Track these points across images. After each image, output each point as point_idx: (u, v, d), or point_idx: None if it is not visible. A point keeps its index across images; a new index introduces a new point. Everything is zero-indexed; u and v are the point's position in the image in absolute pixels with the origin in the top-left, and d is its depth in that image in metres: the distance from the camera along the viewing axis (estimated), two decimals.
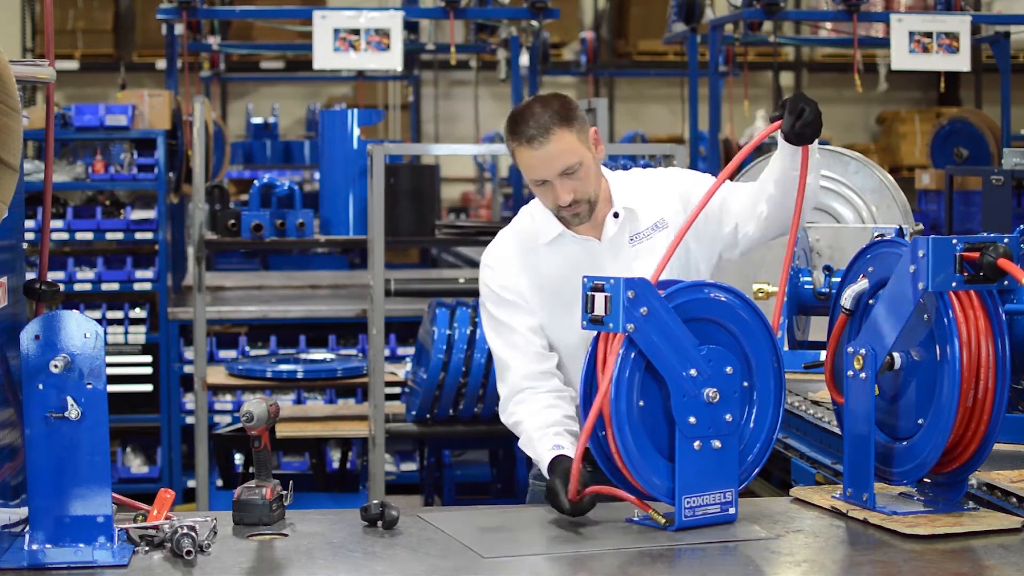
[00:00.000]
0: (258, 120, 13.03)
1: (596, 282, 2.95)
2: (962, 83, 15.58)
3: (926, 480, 3.09)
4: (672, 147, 6.27)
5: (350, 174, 6.92)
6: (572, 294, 3.17)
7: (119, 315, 8.13)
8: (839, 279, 3.27)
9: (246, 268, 11.93)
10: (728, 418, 3.00)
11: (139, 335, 8.15)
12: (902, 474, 3.07)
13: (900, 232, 4.22)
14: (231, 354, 8.09)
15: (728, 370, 3.01)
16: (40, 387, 2.75)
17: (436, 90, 16.04)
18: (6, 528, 2.80)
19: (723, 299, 3.06)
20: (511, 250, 3.49)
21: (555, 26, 13.38)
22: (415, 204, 6.80)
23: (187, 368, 7.96)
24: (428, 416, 6.18)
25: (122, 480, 7.99)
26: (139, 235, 8.13)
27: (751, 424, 3.10)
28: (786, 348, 4.42)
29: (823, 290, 4.31)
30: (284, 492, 3.08)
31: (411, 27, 11.10)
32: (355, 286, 9.25)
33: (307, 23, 8.11)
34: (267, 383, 6.99)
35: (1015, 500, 3.15)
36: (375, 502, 3.04)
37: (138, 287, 8.15)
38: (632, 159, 5.81)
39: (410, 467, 7.95)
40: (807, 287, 4.35)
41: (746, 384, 3.07)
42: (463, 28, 12.47)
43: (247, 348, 8.22)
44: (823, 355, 3.32)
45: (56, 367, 2.72)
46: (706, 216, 3.34)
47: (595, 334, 3.02)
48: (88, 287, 8.11)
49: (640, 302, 2.91)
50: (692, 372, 2.96)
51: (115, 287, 8.15)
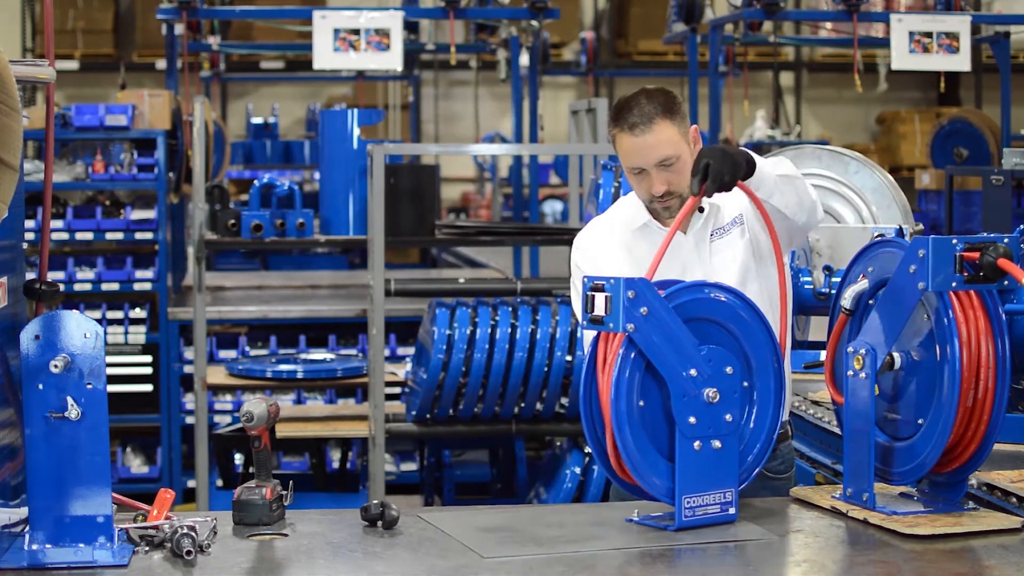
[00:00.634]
0: (258, 120, 13.03)
1: (596, 282, 2.95)
2: (962, 83, 15.59)
3: (926, 480, 3.09)
4: None
5: (350, 174, 6.92)
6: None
7: (119, 315, 8.13)
8: (839, 279, 3.27)
9: (246, 268, 11.93)
10: (728, 418, 3.00)
11: (139, 335, 8.15)
12: (902, 474, 3.07)
13: (900, 232, 4.21)
14: (231, 354, 8.10)
15: (728, 370, 3.01)
16: (40, 387, 2.75)
17: (436, 90, 16.05)
18: (6, 528, 2.80)
19: (723, 299, 3.06)
20: (601, 234, 3.58)
21: (555, 26, 13.39)
22: (415, 204, 6.80)
23: (187, 368, 7.96)
24: (428, 416, 6.18)
25: (122, 480, 7.99)
26: (139, 235, 8.13)
27: (751, 424, 3.10)
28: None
29: (823, 290, 4.30)
30: (284, 492, 3.08)
31: (411, 27, 11.10)
32: (355, 286, 9.25)
33: (307, 23, 8.11)
34: (267, 383, 6.99)
35: (1015, 500, 3.15)
36: (375, 502, 3.04)
37: (138, 287, 8.15)
38: None
39: (410, 467, 7.95)
40: (807, 287, 4.34)
41: (746, 384, 3.07)
42: (463, 28, 12.47)
43: (247, 348, 8.22)
44: (823, 355, 3.32)
45: (56, 367, 2.72)
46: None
47: (595, 334, 3.02)
48: (88, 287, 8.11)
49: (640, 302, 2.91)
50: (692, 372, 2.96)
51: (115, 287, 8.15)
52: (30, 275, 2.99)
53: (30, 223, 7.24)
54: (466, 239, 7.71)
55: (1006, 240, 2.95)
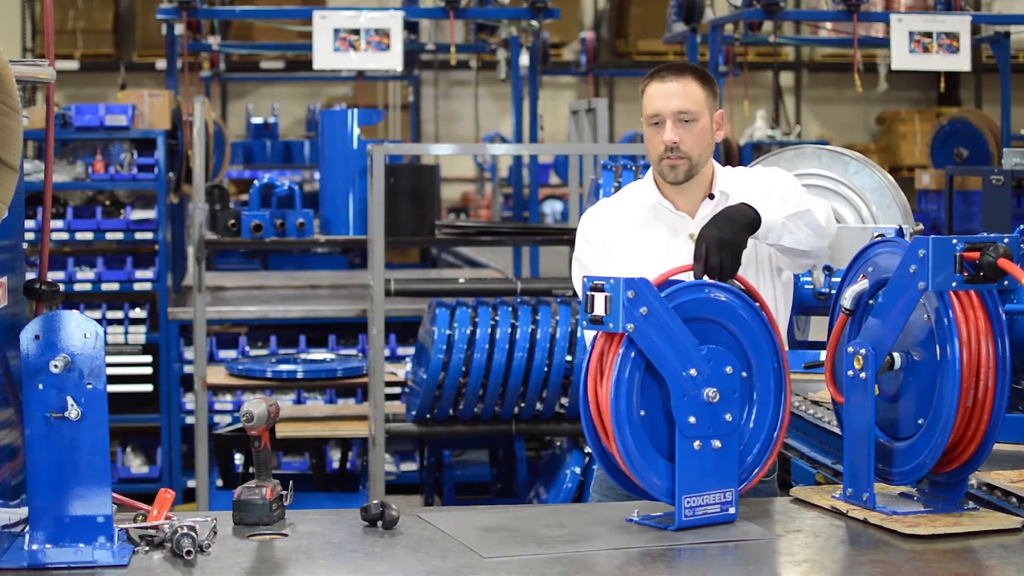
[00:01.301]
0: (258, 120, 13.03)
1: (596, 282, 2.95)
2: (962, 83, 15.60)
3: (926, 480, 3.09)
4: None
5: (350, 174, 6.92)
6: (656, 260, 3.32)
7: (119, 315, 8.13)
8: (839, 279, 3.27)
9: (246, 268, 11.94)
10: (728, 418, 3.00)
11: (139, 335, 8.15)
12: (902, 474, 3.07)
13: (900, 232, 4.21)
14: (231, 354, 8.10)
15: (728, 370, 3.01)
16: (40, 387, 2.75)
17: (436, 90, 16.05)
18: (6, 528, 2.80)
19: (723, 299, 3.06)
20: (609, 210, 3.64)
21: (555, 26, 13.39)
22: (415, 204, 6.80)
23: (187, 368, 7.96)
24: (428, 416, 6.18)
25: (122, 480, 7.99)
26: (139, 235, 8.13)
27: (751, 424, 3.10)
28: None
29: (823, 290, 4.30)
30: (284, 492, 3.08)
31: (411, 27, 11.10)
32: (355, 286, 9.25)
33: (307, 23, 8.11)
34: (267, 383, 6.99)
35: (1015, 500, 3.15)
36: (375, 502, 3.03)
37: (138, 287, 8.15)
38: (632, 159, 5.80)
39: (410, 467, 7.95)
40: (807, 287, 4.34)
41: (746, 384, 3.07)
42: (463, 28, 12.47)
43: (247, 348, 8.23)
44: (823, 355, 3.32)
45: (56, 367, 2.72)
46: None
47: (595, 334, 3.02)
48: (88, 287, 8.11)
49: (640, 302, 2.91)
50: (692, 372, 2.96)
51: (115, 287, 8.15)
52: (30, 275, 2.99)
53: (30, 223, 7.24)
54: (466, 239, 7.71)
55: (1006, 240, 2.95)
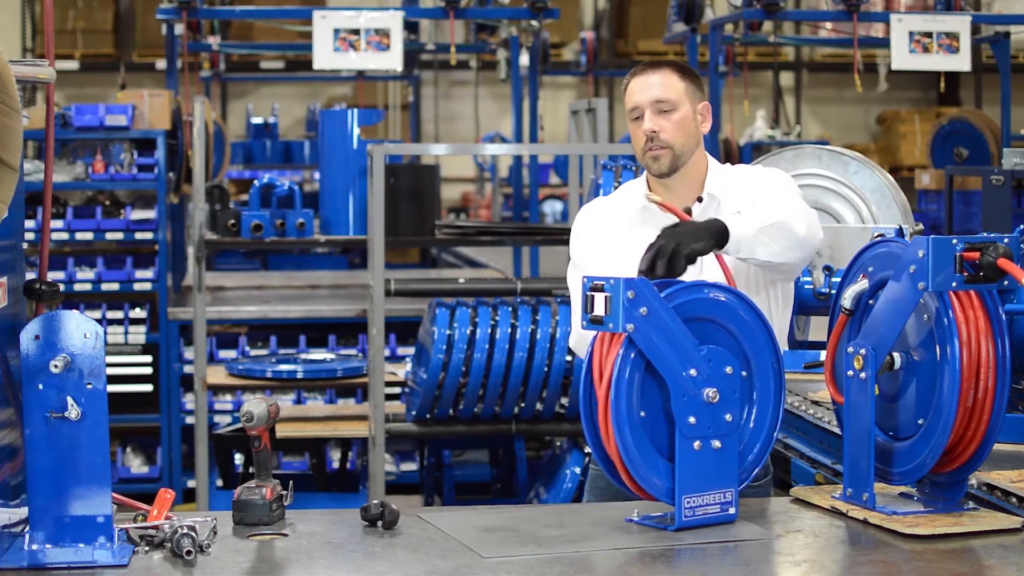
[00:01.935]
0: (258, 120, 13.04)
1: (596, 282, 2.95)
2: (962, 83, 15.60)
3: (926, 480, 3.09)
4: None
5: (350, 174, 6.92)
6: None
7: (119, 315, 8.13)
8: (839, 279, 3.27)
9: (246, 268, 11.94)
10: (728, 418, 3.00)
11: (139, 335, 8.15)
12: (902, 474, 3.07)
13: (900, 232, 4.21)
14: (231, 354, 8.10)
15: (728, 370, 3.00)
16: (40, 387, 2.75)
17: (436, 90, 16.05)
18: (6, 528, 2.80)
19: (723, 299, 3.05)
20: (603, 209, 3.65)
21: (555, 26, 13.40)
22: (415, 204, 6.80)
23: (187, 368, 7.96)
24: (428, 416, 6.18)
25: (122, 480, 8.00)
26: (139, 235, 8.13)
27: (751, 424, 3.10)
28: (786, 348, 4.41)
29: (823, 290, 4.30)
30: (284, 492, 3.08)
31: (411, 27, 11.10)
32: (355, 286, 9.25)
33: (307, 23, 8.11)
34: (267, 383, 6.99)
35: (1015, 500, 3.15)
36: (375, 502, 3.03)
37: (138, 287, 8.15)
38: (632, 159, 5.80)
39: (410, 467, 7.95)
40: (807, 287, 4.34)
41: (746, 384, 3.07)
42: (463, 28, 12.48)
43: (247, 348, 8.23)
44: (823, 355, 3.32)
45: (56, 367, 2.72)
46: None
47: (594, 334, 3.02)
48: (88, 287, 8.11)
49: (640, 302, 2.91)
50: (692, 372, 2.96)
51: (115, 287, 8.15)
52: (30, 275, 2.99)
53: (30, 223, 7.24)
54: (466, 239, 7.71)
55: (1006, 240, 2.95)
